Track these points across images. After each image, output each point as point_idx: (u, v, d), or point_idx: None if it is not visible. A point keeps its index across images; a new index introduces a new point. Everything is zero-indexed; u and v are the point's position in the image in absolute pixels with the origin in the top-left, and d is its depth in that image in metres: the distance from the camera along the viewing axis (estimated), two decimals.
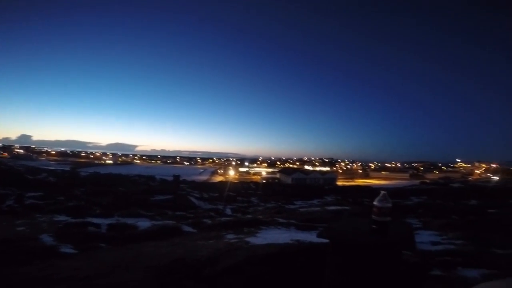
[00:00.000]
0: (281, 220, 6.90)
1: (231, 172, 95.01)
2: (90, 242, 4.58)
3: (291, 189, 26.13)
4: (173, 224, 6.28)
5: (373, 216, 1.67)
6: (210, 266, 2.81)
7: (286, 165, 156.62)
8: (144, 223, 6.37)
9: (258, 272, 2.62)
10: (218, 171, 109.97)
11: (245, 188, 26.08)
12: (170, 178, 24.51)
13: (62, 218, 7.04)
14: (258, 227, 5.77)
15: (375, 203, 1.67)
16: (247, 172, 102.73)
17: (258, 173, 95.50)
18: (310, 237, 3.98)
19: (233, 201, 16.04)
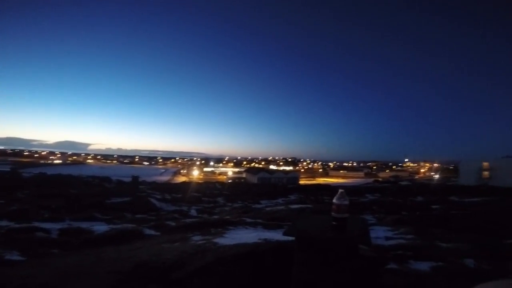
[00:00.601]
0: (248, 219, 6.92)
1: (195, 172, 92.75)
2: (39, 248, 4.08)
3: (257, 189, 26.34)
4: (134, 227, 5.92)
5: (332, 213, 1.80)
6: (178, 269, 2.70)
7: (252, 164, 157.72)
8: (100, 227, 5.89)
9: (229, 272, 2.59)
10: (181, 171, 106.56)
11: (211, 189, 25.64)
12: (128, 179, 22.99)
13: (3, 223, 6.18)
14: (225, 228, 5.72)
15: (334, 200, 1.81)
16: (213, 172, 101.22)
17: (224, 173, 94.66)
18: (277, 235, 4.05)
19: (198, 202, 15.66)
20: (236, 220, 6.69)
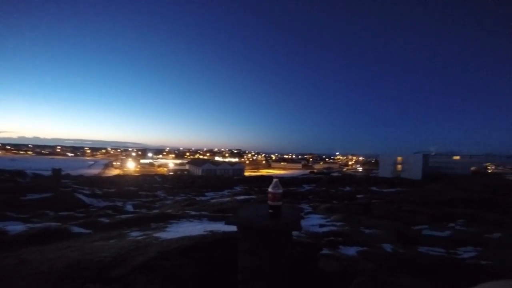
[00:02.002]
0: (192, 212, 6.75)
1: (131, 164, 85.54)
2: None
3: (201, 181, 25.79)
4: (58, 225, 5.15)
5: (268, 201, 1.96)
6: (118, 266, 2.47)
7: (196, 156, 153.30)
8: (16, 227, 4.95)
9: (175, 266, 2.49)
10: (114, 163, 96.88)
11: (150, 182, 24.03)
12: (48, 173, 19.79)
13: None
14: (167, 222, 5.46)
15: (269, 189, 1.97)
16: (151, 164, 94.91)
17: (165, 165, 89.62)
18: (223, 227, 4.05)
19: (135, 197, 14.50)
20: (179, 213, 6.45)
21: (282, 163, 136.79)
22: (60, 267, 2.47)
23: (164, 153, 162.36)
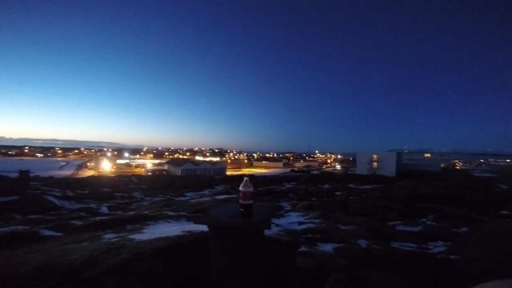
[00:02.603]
0: (170, 213, 6.58)
1: (106, 165, 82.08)
2: None
3: (181, 181, 25.29)
4: (26, 229, 4.83)
5: (240, 200, 1.97)
6: (89, 268, 2.38)
7: (176, 155, 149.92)
8: None
9: (149, 267, 2.42)
10: (88, 164, 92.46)
11: (126, 183, 23.20)
12: (15, 175, 18.52)
13: None
14: (144, 223, 5.28)
15: (240, 188, 1.97)
16: (128, 165, 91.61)
17: (142, 165, 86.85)
18: (202, 227, 3.99)
19: (110, 198, 13.94)
20: (156, 214, 6.27)
21: (264, 161, 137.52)
22: (27, 271, 2.34)
23: (142, 153, 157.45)
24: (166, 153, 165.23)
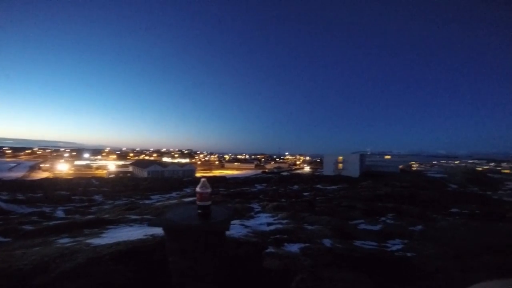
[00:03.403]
0: (133, 216, 6.25)
1: (63, 166, 75.74)
2: None
3: (147, 183, 24.17)
4: None
5: (197, 201, 1.93)
6: (41, 273, 2.20)
7: (142, 157, 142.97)
8: None
9: (109, 272, 2.27)
10: (42, 165, 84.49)
11: (85, 185, 21.61)
12: None
13: None
14: (103, 227, 4.95)
15: (197, 189, 1.93)
16: (88, 166, 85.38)
17: (104, 167, 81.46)
18: None
19: (67, 202, 12.87)
20: (118, 218, 5.93)
21: (235, 163, 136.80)
22: None
23: (104, 154, 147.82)
24: (131, 154, 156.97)
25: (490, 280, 0.54)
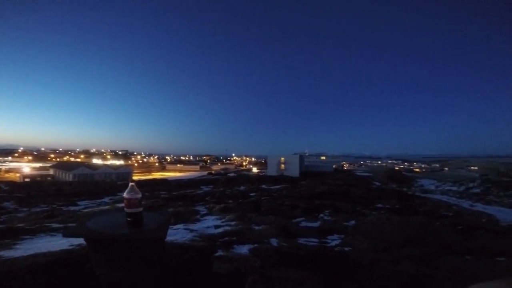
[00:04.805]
0: (55, 225, 5.39)
1: None
2: None
3: (72, 188, 21.18)
4: None
5: (125, 208, 1.71)
6: None
7: (66, 158, 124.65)
8: None
9: (28, 286, 1.90)
10: None
11: None
12: None
13: None
14: (18, 238, 4.13)
15: (124, 195, 1.72)
16: None
17: (17, 169, 68.48)
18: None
19: None
20: (35, 227, 5.03)
21: (178, 165, 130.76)
22: None
23: (16, 155, 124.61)
24: (52, 155, 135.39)
25: (490, 280, 0.53)
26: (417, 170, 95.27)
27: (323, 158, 77.40)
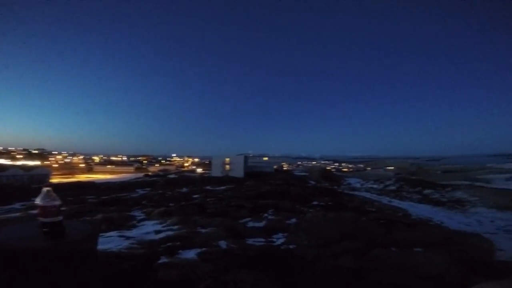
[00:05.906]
0: None
1: None
2: None
3: None
4: None
5: (39, 218, 1.45)
6: None
7: None
8: None
9: None
10: None
11: None
12: None
13: None
14: None
15: (37, 202, 1.46)
16: None
17: None
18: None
19: None
20: None
21: (109, 166, 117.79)
22: None
23: None
24: None
25: (490, 280, 0.58)
26: (345, 170, 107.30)
27: (266, 159, 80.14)
